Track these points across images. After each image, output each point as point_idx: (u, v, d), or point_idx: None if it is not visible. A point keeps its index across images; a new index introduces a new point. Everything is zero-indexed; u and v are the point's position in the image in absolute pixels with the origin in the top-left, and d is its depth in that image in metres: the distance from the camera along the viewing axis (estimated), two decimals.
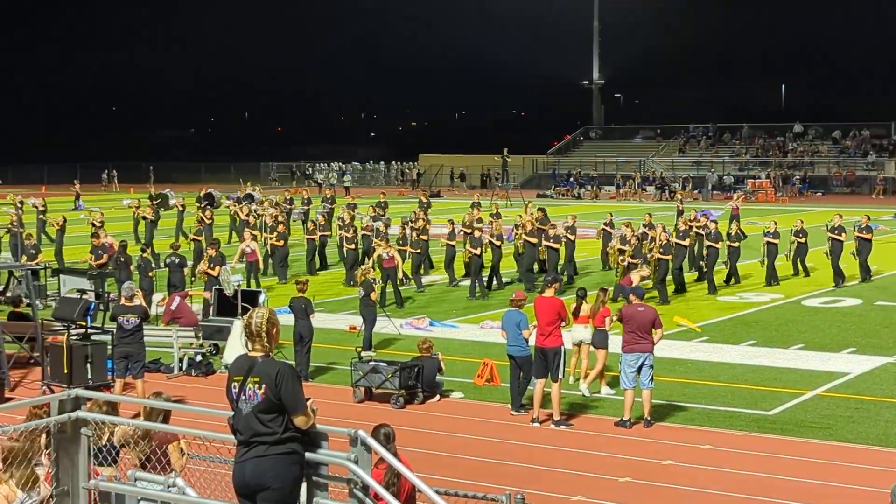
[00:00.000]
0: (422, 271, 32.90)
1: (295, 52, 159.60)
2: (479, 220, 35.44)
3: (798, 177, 78.11)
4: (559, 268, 31.03)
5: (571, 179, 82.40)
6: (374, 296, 22.99)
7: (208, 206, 44.38)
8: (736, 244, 31.60)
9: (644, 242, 30.27)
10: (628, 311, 17.36)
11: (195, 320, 23.58)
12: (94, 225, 38.48)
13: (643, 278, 24.15)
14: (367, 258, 32.52)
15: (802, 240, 32.52)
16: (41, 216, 44.65)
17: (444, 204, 63.10)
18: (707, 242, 31.02)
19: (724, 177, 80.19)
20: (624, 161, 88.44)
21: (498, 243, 31.47)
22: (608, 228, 35.02)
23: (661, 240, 29.47)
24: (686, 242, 31.17)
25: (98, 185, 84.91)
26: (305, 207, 46.61)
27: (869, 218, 32.91)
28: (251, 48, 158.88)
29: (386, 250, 28.93)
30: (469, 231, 32.94)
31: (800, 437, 16.63)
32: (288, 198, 49.03)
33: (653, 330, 17.11)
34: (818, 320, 26.74)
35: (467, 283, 31.39)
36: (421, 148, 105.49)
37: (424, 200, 47.70)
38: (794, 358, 22.22)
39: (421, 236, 33.20)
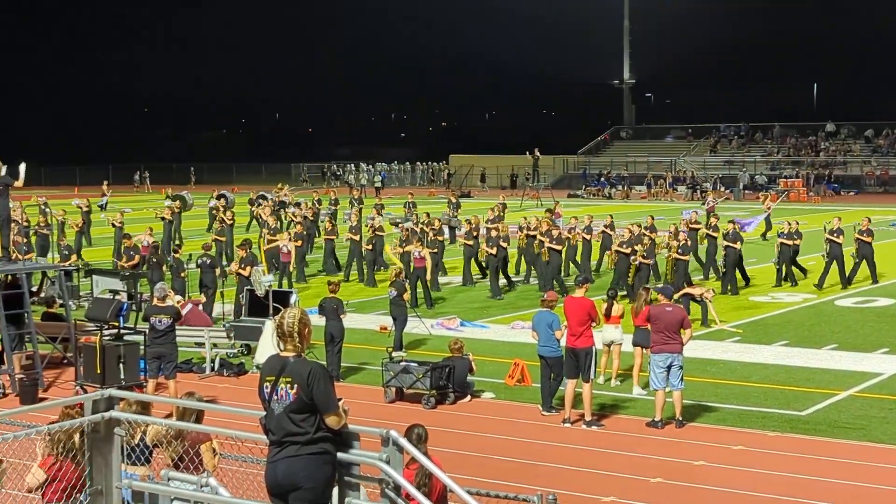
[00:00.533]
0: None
1: (323, 52, 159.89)
2: (493, 221, 35.51)
3: (832, 176, 77.65)
4: (560, 269, 31.14)
5: (602, 179, 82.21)
6: (406, 296, 23.02)
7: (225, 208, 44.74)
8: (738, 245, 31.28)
9: (661, 243, 30.07)
10: (656, 311, 17.29)
11: (208, 323, 23.75)
12: (114, 226, 38.81)
13: (703, 292, 24.22)
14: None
15: (798, 241, 31.71)
16: (87, 217, 45.19)
17: (474, 204, 62.98)
18: (725, 243, 30.70)
19: (756, 176, 79.80)
20: (655, 161, 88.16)
21: (504, 245, 31.39)
22: (608, 230, 34.30)
23: (680, 240, 29.28)
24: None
25: (130, 187, 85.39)
26: (333, 208, 46.76)
27: (870, 220, 32.02)
28: (280, 49, 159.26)
29: (418, 249, 28.99)
30: (475, 233, 33.11)
31: (833, 437, 16.53)
32: (316, 199, 49.17)
33: (681, 330, 17.05)
34: (851, 320, 26.57)
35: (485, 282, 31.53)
36: (452, 148, 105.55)
37: (454, 201, 47.81)
38: (827, 358, 22.09)
39: (437, 236, 33.27)
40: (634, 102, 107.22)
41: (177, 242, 35.42)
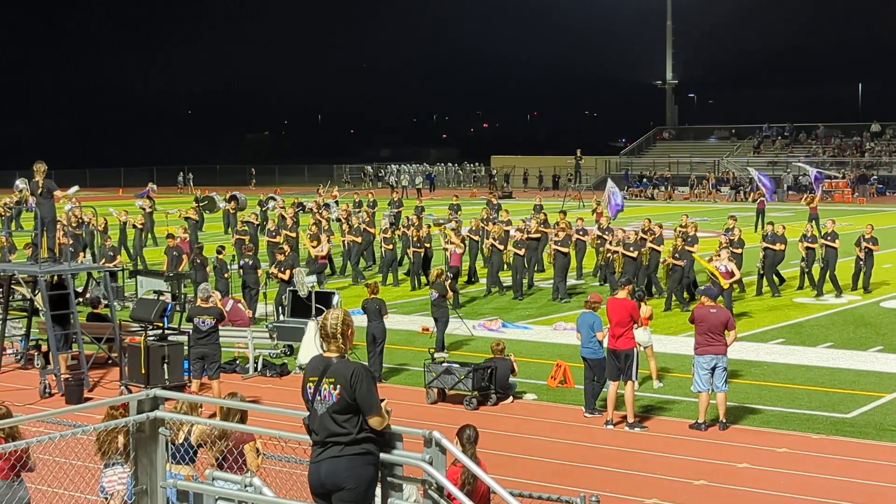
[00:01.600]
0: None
1: (364, 54, 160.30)
2: (509, 223, 35.67)
3: (875, 176, 76.88)
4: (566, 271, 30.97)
5: (644, 180, 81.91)
6: (448, 296, 23.03)
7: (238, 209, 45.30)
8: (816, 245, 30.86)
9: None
10: (700, 312, 17.16)
11: (246, 320, 23.89)
12: (135, 227, 39.14)
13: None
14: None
15: (776, 247, 30.11)
16: (150, 218, 45.58)
17: (515, 205, 62.88)
18: (764, 244, 30.21)
19: (801, 177, 79.18)
20: (698, 161, 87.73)
21: (500, 246, 31.26)
22: (604, 235, 32.94)
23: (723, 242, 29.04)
24: (695, 248, 29.04)
25: (174, 188, 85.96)
26: (372, 210, 46.92)
27: (872, 227, 30.63)
28: (322, 51, 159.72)
29: (457, 247, 29.08)
30: (476, 237, 33.36)
31: (878, 440, 16.38)
32: (357, 200, 49.35)
33: (725, 331, 16.93)
34: None
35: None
36: (493, 149, 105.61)
37: (494, 202, 47.82)
38: (873, 360, 21.89)
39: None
40: (677, 103, 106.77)
41: (219, 245, 35.52)
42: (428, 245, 32.78)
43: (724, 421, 16.95)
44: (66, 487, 10.11)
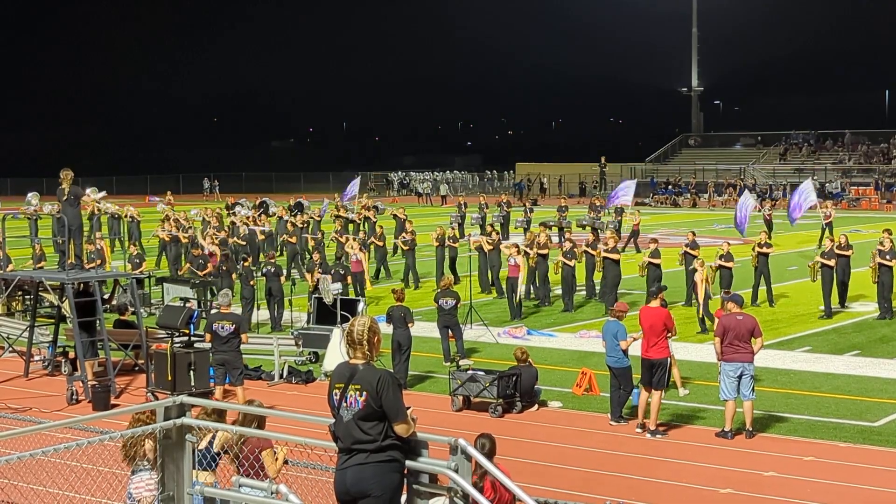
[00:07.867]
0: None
1: (390, 61, 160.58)
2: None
3: None
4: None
5: (670, 188, 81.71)
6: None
7: (263, 214, 45.67)
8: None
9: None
10: (727, 319, 17.08)
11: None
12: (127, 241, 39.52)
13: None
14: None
15: (729, 265, 27.60)
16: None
17: (540, 213, 62.76)
18: (879, 261, 29.15)
19: (827, 184, 78.86)
20: (724, 169, 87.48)
21: (543, 252, 30.84)
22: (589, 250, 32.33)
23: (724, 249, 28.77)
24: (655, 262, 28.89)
25: (200, 195, 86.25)
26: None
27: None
28: (347, 59, 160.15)
29: (513, 256, 28.66)
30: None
31: None
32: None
33: (752, 339, 16.85)
34: None
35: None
36: (518, 157, 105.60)
37: (528, 206, 48.21)
38: None
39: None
40: (702, 110, 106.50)
41: (245, 252, 35.63)
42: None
43: (751, 429, 16.87)
44: (93, 494, 10.14)
